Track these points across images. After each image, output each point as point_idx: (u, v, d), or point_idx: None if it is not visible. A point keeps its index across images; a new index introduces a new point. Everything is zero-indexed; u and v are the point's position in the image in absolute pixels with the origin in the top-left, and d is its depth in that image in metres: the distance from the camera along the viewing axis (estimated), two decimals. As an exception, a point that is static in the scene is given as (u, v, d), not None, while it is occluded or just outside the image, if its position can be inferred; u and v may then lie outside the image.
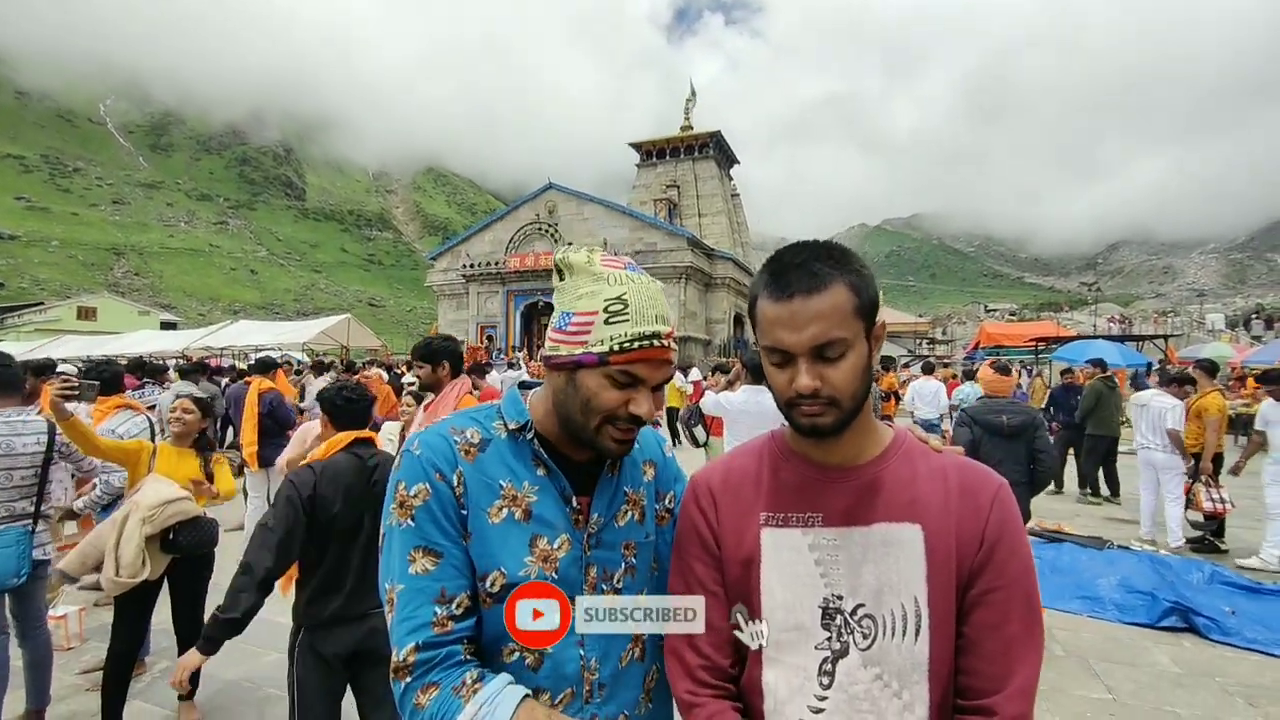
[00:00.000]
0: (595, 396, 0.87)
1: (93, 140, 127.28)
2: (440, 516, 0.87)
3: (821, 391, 0.80)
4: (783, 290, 0.81)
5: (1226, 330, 43.83)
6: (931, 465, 0.89)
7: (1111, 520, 6.86)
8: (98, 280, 72.42)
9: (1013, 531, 0.84)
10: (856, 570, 0.85)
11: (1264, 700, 3.21)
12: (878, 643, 0.83)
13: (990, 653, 0.81)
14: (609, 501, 0.96)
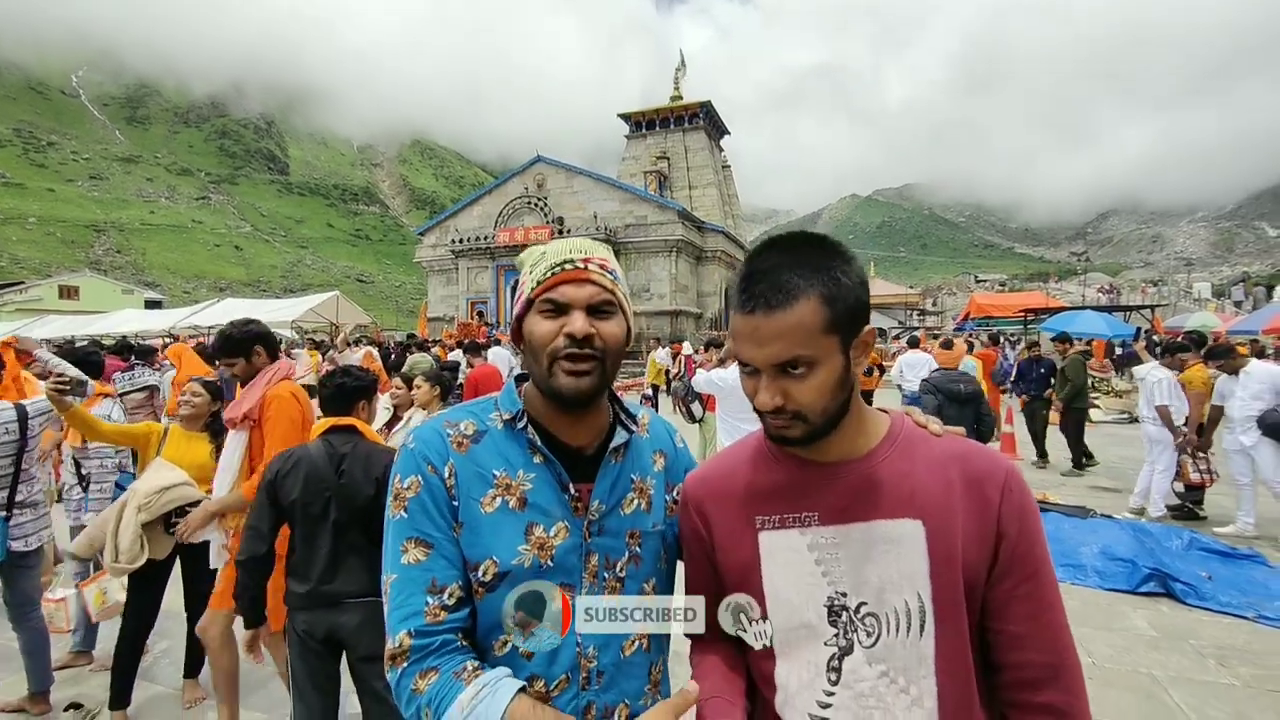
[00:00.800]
0: (532, 334, 0.90)
1: (66, 113, 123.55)
2: (431, 508, 0.88)
3: (786, 407, 0.79)
4: (746, 303, 0.79)
5: (1213, 299, 44.27)
6: (933, 454, 0.86)
7: (1096, 489, 7.00)
8: (78, 258, 71.06)
9: (1030, 518, 0.83)
10: (859, 568, 0.84)
11: (1234, 661, 3.34)
12: (882, 640, 0.82)
13: (1036, 643, 0.81)
14: (611, 488, 0.95)
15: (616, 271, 0.95)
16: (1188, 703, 2.96)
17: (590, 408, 0.96)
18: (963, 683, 0.81)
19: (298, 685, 2.10)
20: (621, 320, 0.94)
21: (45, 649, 2.90)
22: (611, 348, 0.91)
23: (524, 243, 26.92)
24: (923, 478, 0.84)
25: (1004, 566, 0.81)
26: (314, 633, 2.08)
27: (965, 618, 0.81)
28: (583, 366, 0.89)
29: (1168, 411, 5.82)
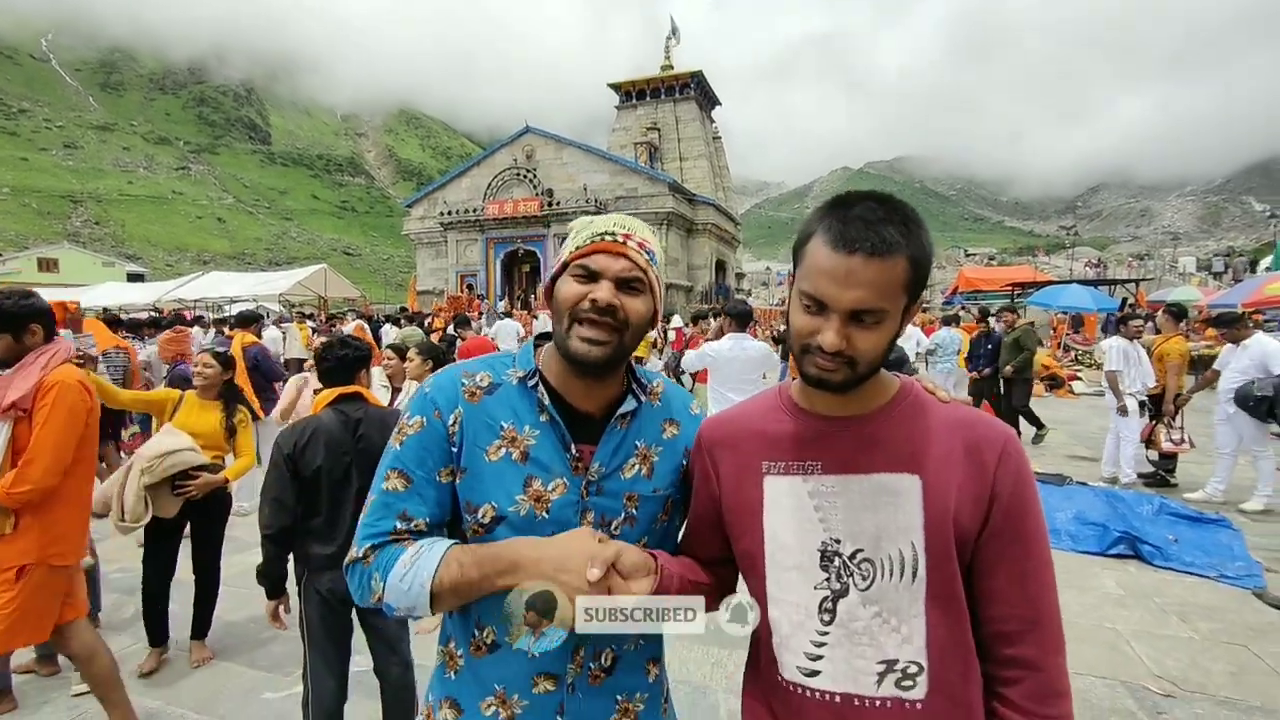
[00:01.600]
0: (560, 294, 0.96)
1: (37, 79, 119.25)
2: (423, 449, 0.96)
3: (844, 351, 0.82)
4: (846, 245, 0.80)
5: (1197, 274, 44.76)
6: (938, 418, 0.90)
7: (1074, 458, 7.22)
8: (55, 230, 69.36)
9: (1024, 484, 0.87)
10: (856, 516, 0.89)
11: (1194, 617, 3.53)
12: (876, 584, 0.88)
13: (1018, 598, 0.86)
14: (613, 452, 1.00)
15: (654, 253, 1.00)
16: (1148, 654, 3.14)
17: (603, 378, 1.00)
18: (950, 625, 0.87)
19: (313, 638, 2.21)
20: (649, 299, 0.98)
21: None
22: (634, 322, 0.95)
23: (513, 215, 26.70)
24: (925, 438, 0.89)
25: (995, 526, 0.86)
26: (337, 591, 2.19)
27: (957, 569, 0.87)
28: (600, 334, 0.93)
29: (1114, 377, 5.97)
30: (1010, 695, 0.87)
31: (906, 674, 0.87)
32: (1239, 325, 5.78)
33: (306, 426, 2.30)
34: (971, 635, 0.89)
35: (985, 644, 0.89)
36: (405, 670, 2.38)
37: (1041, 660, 0.87)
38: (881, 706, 0.87)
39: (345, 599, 2.23)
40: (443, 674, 1.03)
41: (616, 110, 35.97)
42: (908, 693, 0.87)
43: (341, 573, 2.16)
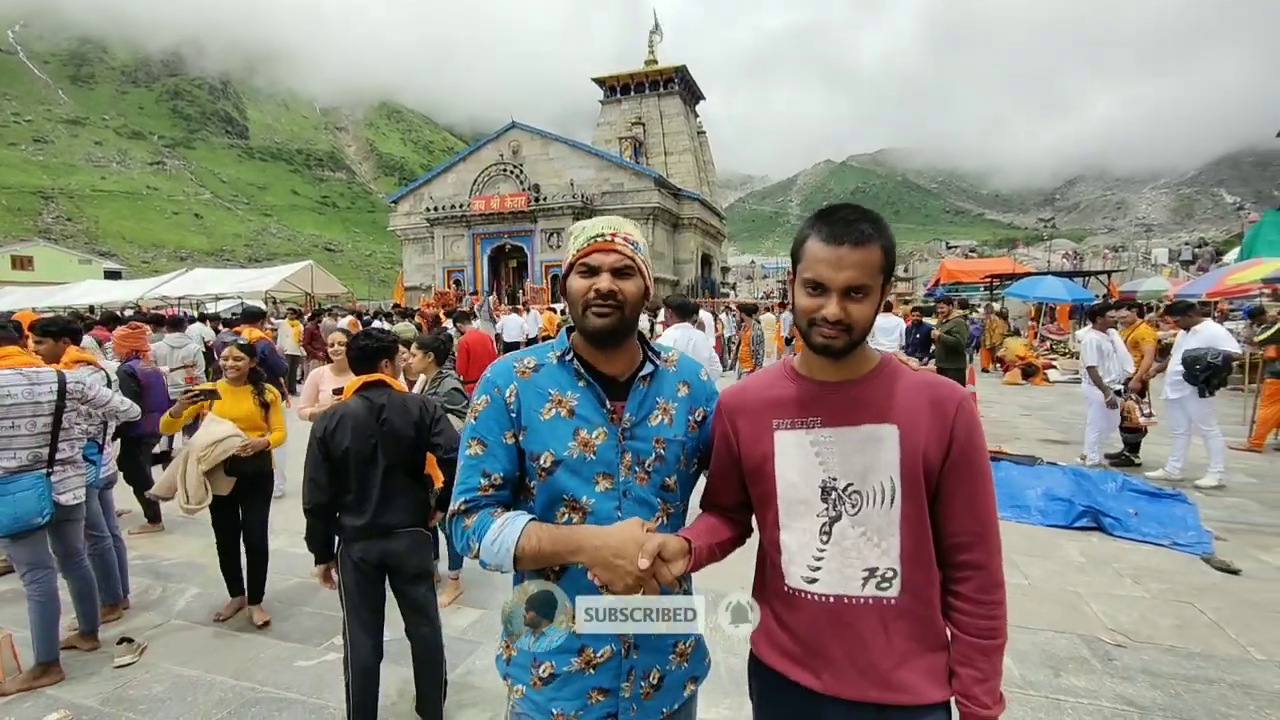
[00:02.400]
0: (572, 289, 1.22)
1: (4, 72, 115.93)
2: (491, 419, 1.21)
3: (843, 320, 1.07)
4: (835, 239, 1.07)
5: (1169, 264, 45.91)
6: (910, 381, 1.16)
7: (1047, 441, 7.58)
8: (26, 226, 67.90)
9: (975, 431, 1.13)
10: (848, 459, 1.13)
11: (1147, 579, 3.87)
12: (863, 510, 1.13)
13: (969, 518, 1.13)
14: (639, 405, 1.24)
15: (639, 243, 1.24)
16: (1103, 612, 3.46)
17: (618, 345, 1.24)
18: (919, 540, 1.13)
19: (352, 604, 2.43)
20: (639, 280, 1.23)
21: (93, 593, 3.18)
22: (630, 299, 1.20)
23: (500, 210, 26.74)
24: (900, 397, 1.14)
25: (953, 462, 1.12)
26: (369, 559, 2.42)
27: (924, 496, 1.13)
28: (605, 312, 1.18)
29: (1095, 371, 6.21)
30: (962, 590, 1.15)
31: (885, 578, 1.13)
32: (1190, 313, 6.19)
33: (336, 412, 2.54)
34: (933, 547, 1.16)
35: (943, 552, 1.16)
36: (434, 632, 2.62)
37: (987, 562, 1.14)
38: (865, 603, 1.14)
39: (377, 565, 2.47)
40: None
41: (601, 105, 36.05)
42: (885, 592, 1.13)
43: (370, 542, 2.42)
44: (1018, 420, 9.03)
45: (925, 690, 1.13)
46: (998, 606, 1.13)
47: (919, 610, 1.14)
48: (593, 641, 1.20)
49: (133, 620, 3.53)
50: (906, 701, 1.12)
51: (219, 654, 3.17)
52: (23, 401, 2.84)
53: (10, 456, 2.81)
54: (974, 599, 1.13)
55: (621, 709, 1.21)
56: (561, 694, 1.20)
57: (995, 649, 1.13)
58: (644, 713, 1.23)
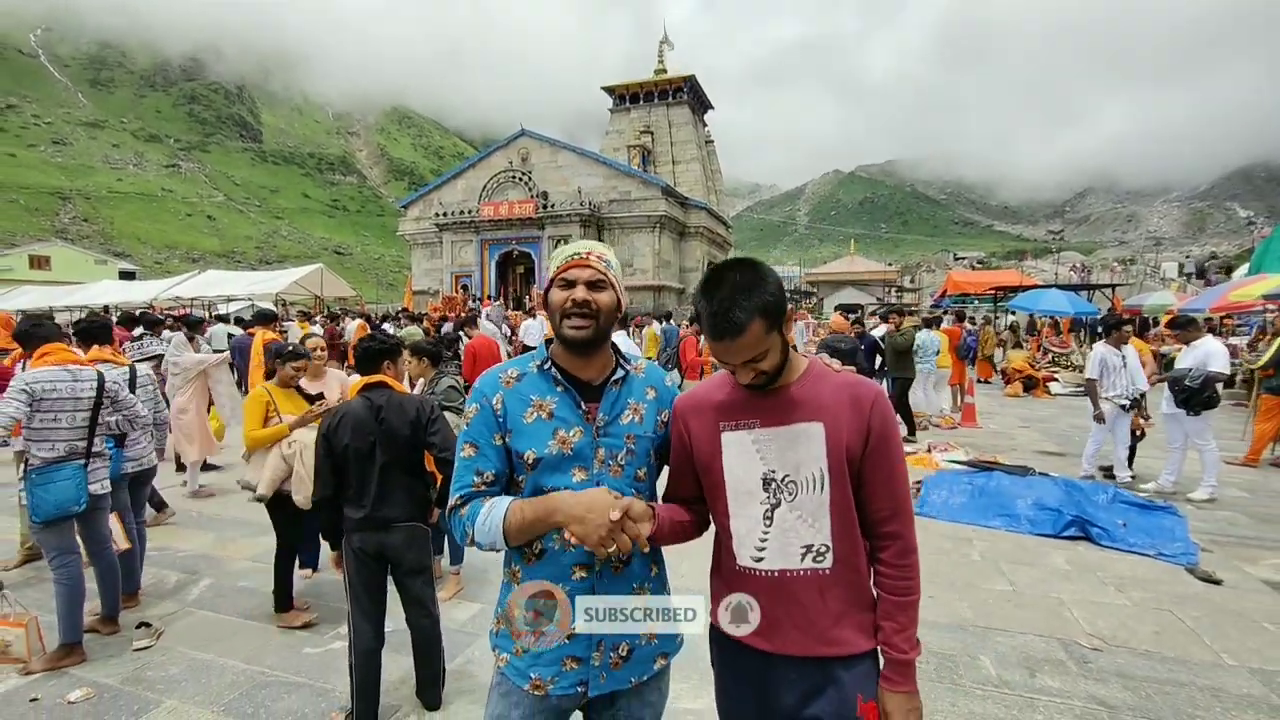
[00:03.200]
0: (552, 300, 1.38)
1: (26, 75, 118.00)
2: (481, 425, 1.38)
3: (757, 375, 1.29)
4: (715, 335, 1.25)
5: (1176, 279, 45.72)
6: (834, 383, 1.35)
7: (1043, 454, 7.66)
8: (43, 226, 68.87)
9: (888, 422, 1.32)
10: (783, 454, 1.32)
11: (1130, 587, 3.96)
12: (798, 497, 1.31)
13: (886, 495, 1.32)
14: (612, 406, 1.40)
15: (611, 261, 1.42)
16: (1084, 617, 3.56)
17: (593, 352, 1.39)
18: (846, 520, 1.32)
19: (355, 592, 2.58)
20: (612, 293, 1.39)
21: (117, 579, 3.35)
22: (604, 309, 1.36)
23: (508, 217, 27.03)
24: (825, 397, 1.33)
25: (871, 449, 1.31)
26: (367, 549, 2.58)
27: (848, 481, 1.31)
28: (582, 322, 1.34)
29: (1092, 385, 6.24)
30: (884, 556, 1.35)
31: (820, 553, 1.32)
32: (1191, 328, 6.27)
33: (339, 410, 2.73)
34: (858, 523, 1.34)
35: (867, 526, 1.35)
36: (433, 623, 2.76)
37: (902, 531, 1.34)
38: (804, 574, 1.33)
39: (375, 556, 2.64)
40: (508, 586, 1.44)
41: (610, 113, 36.38)
42: (820, 564, 1.32)
43: (368, 533, 2.57)
44: (1016, 432, 9.11)
45: (857, 642, 1.32)
46: (911, 569, 1.34)
47: (849, 577, 1.34)
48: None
49: (150, 608, 3.69)
50: (841, 653, 1.32)
51: (231, 640, 3.33)
52: (65, 396, 3.05)
53: (49, 448, 3.01)
54: (893, 564, 1.33)
55: (592, 676, 1.36)
56: (539, 661, 1.35)
57: (910, 604, 1.34)
58: (613, 680, 1.38)
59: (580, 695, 1.37)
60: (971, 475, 6.19)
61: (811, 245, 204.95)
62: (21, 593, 3.62)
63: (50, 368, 3.10)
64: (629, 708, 1.43)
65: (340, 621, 3.42)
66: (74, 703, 2.76)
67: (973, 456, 7.07)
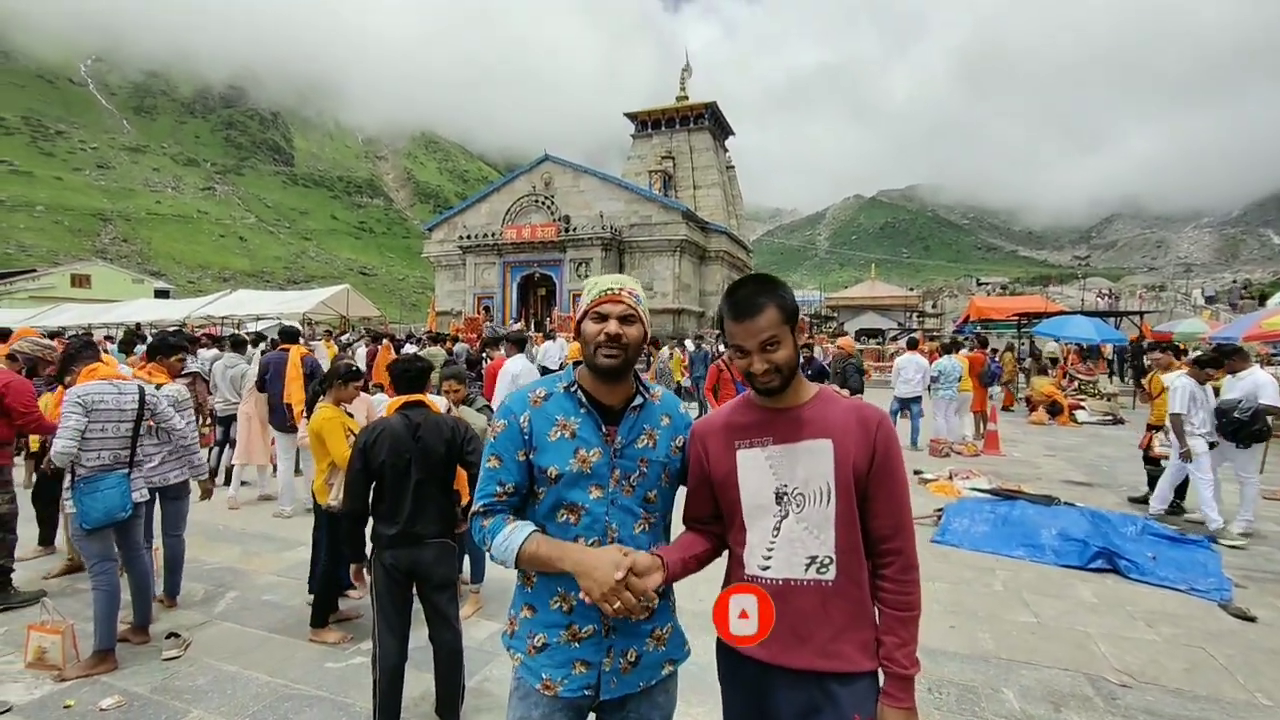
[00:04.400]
0: (585, 332, 1.47)
1: (75, 102, 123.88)
2: (507, 440, 1.47)
3: (770, 368, 1.37)
4: (738, 315, 1.38)
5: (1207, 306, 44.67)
6: (842, 406, 1.45)
7: (1069, 483, 7.51)
8: (85, 246, 71.62)
9: (892, 443, 1.41)
10: (794, 468, 1.41)
11: (1160, 623, 3.86)
12: (806, 509, 1.39)
13: (889, 512, 1.39)
14: (629, 430, 1.49)
15: (640, 296, 1.53)
16: (1111, 652, 3.48)
17: (619, 380, 1.50)
18: (851, 534, 1.39)
19: (381, 607, 2.64)
20: (640, 326, 1.49)
21: (149, 590, 3.45)
22: (633, 341, 1.47)
23: (531, 240, 27.45)
24: (833, 417, 1.42)
25: (876, 468, 1.38)
26: (399, 565, 2.64)
27: (853, 497, 1.38)
28: (614, 352, 1.44)
29: (1178, 421, 5.74)
30: (886, 572, 1.40)
31: (823, 564, 1.39)
32: (1237, 358, 6.08)
33: (376, 426, 2.80)
34: (861, 538, 1.40)
35: (871, 542, 1.41)
36: (455, 637, 2.80)
37: (904, 548, 1.39)
38: (807, 584, 1.39)
39: (406, 572, 2.69)
40: (522, 590, 1.52)
41: (632, 139, 36.98)
42: (824, 575, 1.39)
43: (400, 549, 2.62)
44: (1040, 460, 8.94)
45: (856, 659, 1.37)
46: (913, 585, 1.39)
47: (852, 591, 1.39)
48: (579, 620, 1.43)
49: (177, 618, 3.78)
50: (841, 669, 1.36)
51: (256, 653, 3.39)
52: (111, 408, 3.22)
53: (96, 456, 3.18)
54: (895, 579, 1.39)
55: (603, 679, 1.44)
56: (551, 662, 1.43)
57: (911, 620, 1.39)
58: (624, 685, 1.46)
59: (589, 698, 1.44)
60: (994, 504, 6.09)
61: (832, 270, 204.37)
62: (59, 601, 3.74)
63: (98, 381, 3.26)
64: (639, 709, 1.49)
65: (361, 637, 3.48)
66: (105, 710, 2.83)
67: (996, 485, 6.96)
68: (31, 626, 3.21)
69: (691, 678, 1.64)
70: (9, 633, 3.56)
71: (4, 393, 3.79)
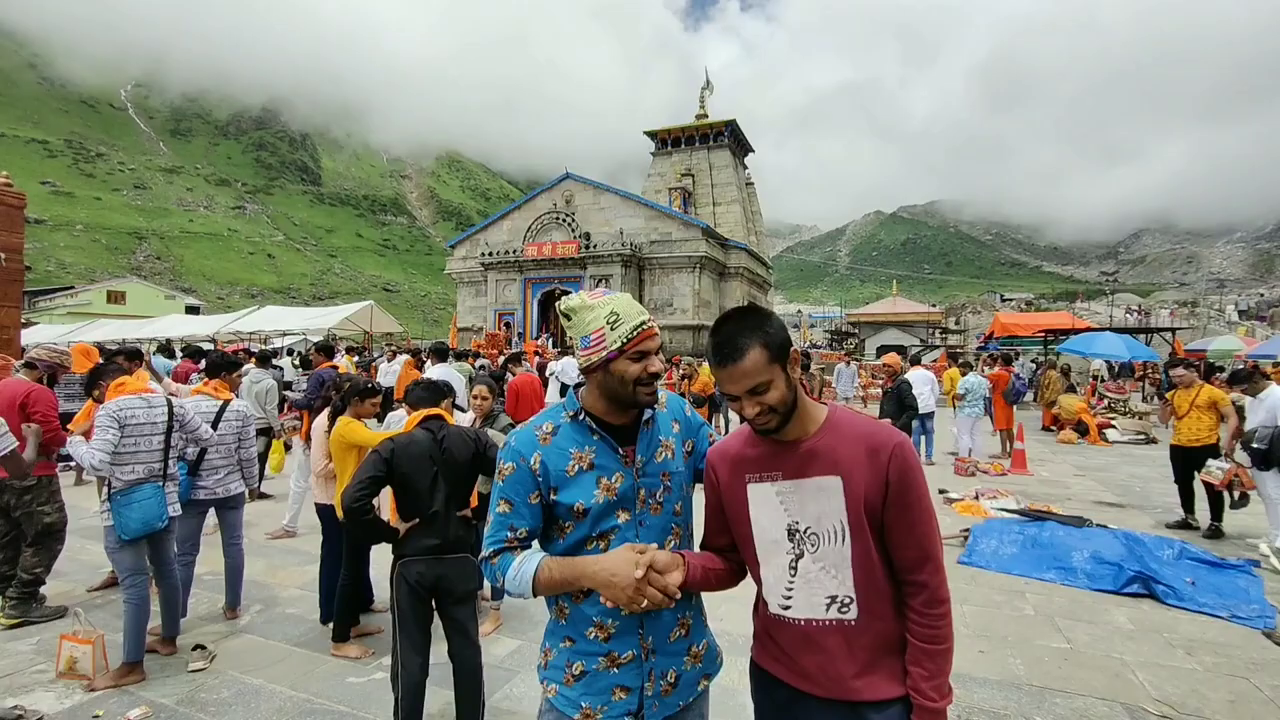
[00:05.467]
0: (626, 372, 1.39)
1: (115, 125, 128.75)
2: (517, 483, 1.41)
3: (763, 410, 1.30)
4: (719, 361, 1.30)
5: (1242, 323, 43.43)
6: (852, 432, 1.34)
7: (1100, 504, 7.30)
8: (121, 264, 73.94)
9: (909, 470, 1.30)
10: (805, 506, 1.34)
11: (1200, 651, 3.72)
12: (821, 548, 1.34)
13: (910, 545, 1.32)
14: (646, 446, 1.46)
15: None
16: (1150, 681, 3.36)
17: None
18: (870, 573, 1.33)
19: (403, 621, 2.64)
20: (662, 356, 1.48)
21: (178, 603, 3.51)
22: (661, 374, 1.45)
23: (551, 257, 27.70)
24: (842, 450, 1.33)
25: (891, 500, 1.30)
26: (425, 581, 2.65)
27: (869, 534, 1.32)
28: (652, 388, 1.42)
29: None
30: (913, 604, 1.33)
31: (844, 604, 1.34)
32: (1255, 379, 5.93)
33: (400, 439, 2.80)
34: (884, 574, 1.33)
35: (897, 573, 1.35)
36: (475, 653, 2.79)
37: (930, 580, 1.32)
38: (830, 625, 1.34)
39: (430, 587, 2.69)
40: (556, 623, 1.49)
41: (652, 156, 37.28)
42: (845, 615, 1.34)
43: (426, 563, 2.62)
44: (1070, 480, 8.71)
45: (886, 689, 1.33)
46: (941, 618, 1.32)
47: (876, 626, 1.34)
48: (618, 647, 1.40)
49: (203, 630, 3.83)
50: (873, 698, 1.32)
51: (279, 666, 3.42)
52: (143, 422, 3.30)
53: (130, 470, 3.25)
54: (921, 611, 1.32)
55: (646, 704, 1.42)
56: (589, 690, 1.40)
57: (940, 652, 1.31)
58: (665, 707, 1.44)
59: None
60: (1023, 524, 5.95)
61: (852, 285, 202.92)
62: (91, 613, 3.81)
63: (129, 396, 3.35)
64: None
65: (382, 652, 3.48)
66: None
67: (1024, 505, 6.80)
68: (64, 636, 3.27)
69: (715, 701, 1.61)
70: (42, 642, 3.64)
71: (27, 401, 3.90)
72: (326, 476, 3.88)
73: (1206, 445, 6.26)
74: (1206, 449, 6.24)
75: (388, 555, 2.80)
